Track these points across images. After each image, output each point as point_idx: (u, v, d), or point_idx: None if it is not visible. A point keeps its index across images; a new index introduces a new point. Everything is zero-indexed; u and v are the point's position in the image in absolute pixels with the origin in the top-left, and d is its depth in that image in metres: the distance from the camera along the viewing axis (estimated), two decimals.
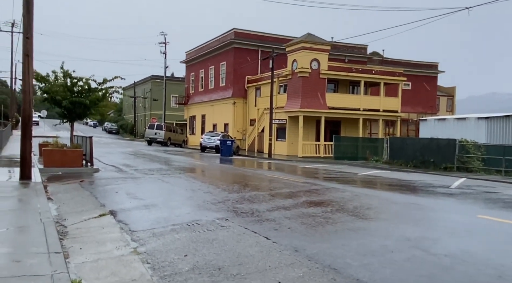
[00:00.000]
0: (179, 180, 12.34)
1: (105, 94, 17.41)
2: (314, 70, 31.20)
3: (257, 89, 39.60)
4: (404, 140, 22.77)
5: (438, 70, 53.10)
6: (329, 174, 16.72)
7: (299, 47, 31.05)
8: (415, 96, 49.14)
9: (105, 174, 14.22)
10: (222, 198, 9.03)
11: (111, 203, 8.51)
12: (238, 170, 17.87)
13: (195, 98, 49.53)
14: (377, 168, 20.78)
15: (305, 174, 16.24)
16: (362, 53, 45.73)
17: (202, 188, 10.80)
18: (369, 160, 24.57)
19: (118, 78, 17.50)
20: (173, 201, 8.82)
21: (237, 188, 10.81)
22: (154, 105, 65.49)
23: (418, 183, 14.24)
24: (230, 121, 41.15)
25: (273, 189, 10.95)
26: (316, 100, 31.18)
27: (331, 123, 33.07)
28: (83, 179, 12.41)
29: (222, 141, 27.64)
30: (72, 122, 17.72)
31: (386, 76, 33.71)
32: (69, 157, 14.96)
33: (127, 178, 12.71)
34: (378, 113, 33.29)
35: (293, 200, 9.07)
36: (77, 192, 10.24)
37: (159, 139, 39.66)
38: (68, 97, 16.60)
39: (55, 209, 8.23)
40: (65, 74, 16.64)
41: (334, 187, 11.68)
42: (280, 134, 33.74)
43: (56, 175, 13.96)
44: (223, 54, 42.69)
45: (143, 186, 11.14)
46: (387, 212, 8.52)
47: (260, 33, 42.04)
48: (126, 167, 16.62)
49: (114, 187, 10.87)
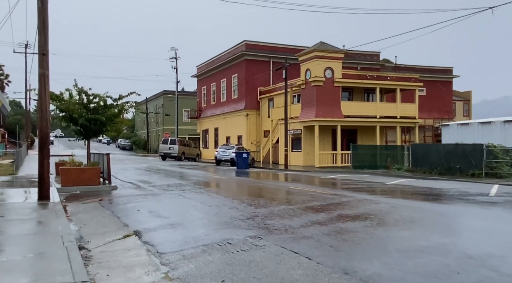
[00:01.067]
0: (201, 196, 11.89)
1: (121, 110, 17.14)
2: (328, 79, 30.77)
3: (269, 100, 39.28)
4: (427, 146, 22.09)
5: (453, 74, 52.25)
6: (355, 185, 16.11)
7: (312, 56, 30.71)
8: (431, 102, 48.31)
9: (123, 192, 13.86)
10: (250, 214, 8.54)
11: (134, 223, 8.09)
12: (258, 183, 17.37)
13: (208, 112, 49.39)
14: (400, 177, 20.10)
15: (329, 185, 15.68)
16: (374, 60, 45.24)
17: (226, 203, 10.33)
18: (391, 169, 23.88)
19: (133, 93, 17.29)
20: (198, 219, 8.36)
21: (263, 203, 10.32)
22: (166, 120, 65.63)
23: (453, 192, 13.51)
24: (244, 133, 40.80)
25: (302, 202, 10.43)
26: (332, 109, 30.67)
27: (347, 131, 32.48)
28: (102, 198, 12.05)
29: (238, 154, 27.21)
30: (88, 140, 17.46)
31: (401, 82, 33.10)
32: (87, 175, 14.65)
33: (147, 195, 12.31)
34: (395, 120, 32.62)
35: (327, 214, 8.54)
36: (98, 211, 9.85)
37: (173, 153, 39.43)
38: (84, 114, 16.38)
39: (76, 231, 7.83)
40: (80, 91, 16.43)
41: (366, 199, 11.10)
42: (295, 145, 33.24)
43: (74, 194, 13.65)
44: (234, 67, 42.57)
45: (165, 203, 10.72)
46: (435, 225, 7.90)
47: (271, 44, 41.89)
48: (144, 184, 16.26)
49: (135, 205, 10.47)
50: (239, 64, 41.48)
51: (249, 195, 12.56)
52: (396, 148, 29.25)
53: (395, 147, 30.46)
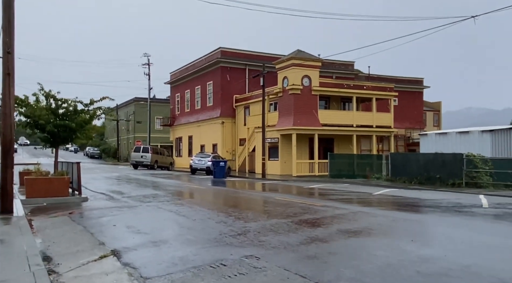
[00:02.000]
0: (182, 208, 11.04)
1: (93, 116, 16.10)
2: (305, 87, 30.52)
3: (246, 108, 38.70)
4: (406, 155, 22.03)
5: (423, 85, 53.38)
6: (341, 195, 15.54)
7: (290, 64, 30.42)
8: (402, 112, 48.99)
9: (95, 204, 12.84)
10: (240, 229, 7.82)
11: (111, 240, 7.23)
12: (241, 194, 16.59)
13: (181, 119, 48.31)
14: (382, 186, 19.84)
15: (317, 196, 15.06)
16: (349, 69, 45.59)
17: (211, 216, 9.55)
18: (370, 178, 23.66)
19: (106, 98, 16.27)
20: (184, 235, 7.56)
21: (252, 216, 9.59)
22: (138, 127, 63.93)
23: (445, 203, 13.01)
24: (219, 141, 39.99)
25: (294, 215, 9.74)
26: (309, 117, 30.39)
27: (324, 140, 32.25)
28: (73, 211, 11.03)
29: (215, 163, 26.39)
30: (56, 147, 16.30)
31: (377, 91, 33.33)
32: (55, 185, 13.53)
33: (123, 208, 11.37)
34: (372, 129, 32.70)
35: (325, 229, 7.90)
36: (68, 226, 8.89)
37: (145, 162, 38.10)
38: (52, 120, 15.24)
39: (44, 250, 6.89)
40: (47, 95, 15.30)
41: (361, 211, 10.54)
42: (272, 153, 32.70)
43: (40, 206, 12.52)
44: (209, 74, 41.82)
45: (143, 217, 9.84)
46: (453, 243, 7.09)
47: (247, 51, 41.44)
48: (118, 195, 15.23)
49: (110, 219, 9.55)
50: (215, 71, 40.77)
51: (235, 207, 11.80)
52: (372, 157, 29.21)
53: (372, 156, 30.45)
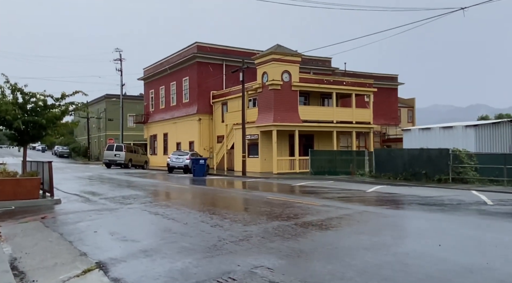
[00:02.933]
0: (170, 211, 10.13)
1: (65, 112, 14.83)
2: (285, 82, 29.93)
3: (223, 104, 37.80)
4: (391, 151, 21.77)
5: (398, 82, 53.90)
6: (337, 193, 14.83)
7: (269, 58, 29.74)
8: (377, 108, 49.08)
9: (70, 206, 11.77)
10: (241, 234, 7.04)
11: (94, 250, 6.33)
12: (229, 193, 15.70)
13: (156, 116, 46.88)
14: (368, 183, 19.48)
15: (310, 195, 14.28)
16: (326, 66, 45.37)
17: (204, 219, 8.71)
18: (355, 175, 23.31)
19: (79, 93, 15.04)
20: (178, 241, 6.71)
21: (249, 218, 8.79)
22: (109, 125, 61.87)
23: (447, 200, 12.42)
24: (196, 138, 38.94)
25: (295, 216, 8.97)
26: (289, 113, 29.83)
27: (304, 137, 31.79)
28: (45, 215, 9.97)
29: (194, 160, 25.42)
30: (24, 146, 14.96)
31: (357, 87, 33.13)
32: (24, 187, 12.37)
33: (102, 211, 10.37)
34: (351, 125, 32.48)
35: (336, 233, 7.18)
36: (42, 234, 7.88)
37: (119, 161, 36.59)
38: (20, 116, 13.91)
39: (15, 264, 5.92)
40: (14, 89, 13.96)
41: (367, 211, 9.90)
42: (252, 150, 31.96)
43: (8, 210, 11.36)
44: (185, 69, 40.64)
45: (128, 221, 8.92)
46: (498, 249, 6.38)
47: (224, 46, 40.50)
48: (93, 196, 14.15)
49: (89, 224, 8.59)
50: (191, 67, 39.64)
51: (227, 208, 10.94)
52: (354, 153, 28.97)
53: (352, 152, 30.23)
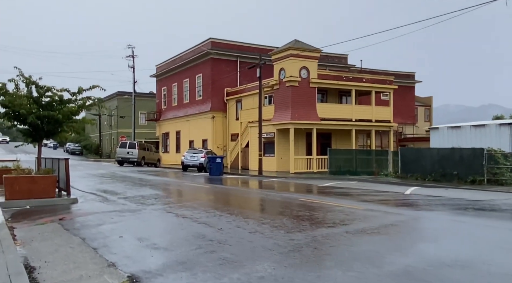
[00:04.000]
0: (198, 213, 9.28)
1: (81, 107, 14.13)
2: (303, 79, 29.03)
3: (237, 101, 37.01)
4: (418, 151, 20.77)
5: (415, 79, 52.64)
6: (374, 196, 13.66)
7: (287, 54, 28.84)
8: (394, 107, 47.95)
9: (88, 206, 11.06)
10: (288, 243, 6.17)
11: (123, 260, 5.55)
12: (255, 194, 14.66)
13: (168, 114, 46.26)
14: (395, 184, 18.53)
15: (344, 197, 13.06)
16: (342, 63, 44.38)
17: (239, 224, 7.85)
18: (380, 174, 22.35)
19: (97, 87, 14.32)
20: (217, 251, 5.88)
21: (290, 224, 7.79)
22: (121, 123, 61.48)
23: (505, 205, 11.31)
24: (209, 136, 38.23)
25: (341, 223, 8.01)
26: (307, 111, 28.93)
27: (321, 135, 30.85)
28: (63, 216, 9.25)
29: (211, 159, 24.66)
30: (39, 142, 14.29)
31: (377, 84, 32.09)
32: (39, 185, 11.69)
33: (124, 212, 9.62)
34: (371, 123, 31.48)
35: (401, 244, 6.26)
36: (62, 238, 7.14)
37: (132, 158, 36.04)
38: (35, 110, 13.24)
39: (35, 275, 5.17)
40: (28, 82, 13.29)
41: (422, 217, 8.84)
42: (267, 149, 31.13)
43: (23, 210, 10.70)
44: (199, 66, 39.94)
45: (154, 225, 8.14)
46: None
47: (239, 42, 39.73)
48: (111, 195, 13.44)
49: (113, 227, 7.83)
50: (204, 63, 38.92)
51: (260, 211, 10.01)
52: (375, 153, 28.02)
53: (372, 151, 29.26)
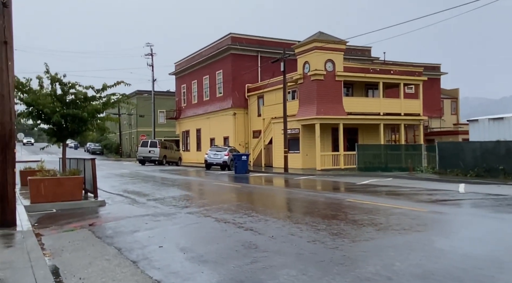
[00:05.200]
0: (240, 217, 8.34)
1: (106, 104, 13.47)
2: (329, 72, 27.97)
3: (259, 97, 36.16)
4: (458, 145, 19.56)
5: (440, 71, 50.84)
6: (428, 195, 12.42)
7: (312, 47, 27.81)
8: None
9: (117, 209, 10.37)
10: (359, 255, 5.30)
11: (170, 277, 4.75)
12: (293, 194, 13.61)
13: (188, 112, 45.73)
14: (435, 181, 17.42)
15: (396, 197, 12.05)
16: (366, 55, 43.05)
17: (292, 231, 6.85)
18: (416, 170, 21.20)
19: (121, 83, 13.67)
20: (278, 266, 4.95)
21: (351, 230, 6.70)
22: (140, 121, 61.34)
23: None
24: (231, 133, 37.49)
25: (412, 229, 6.92)
26: (333, 106, 27.88)
27: (347, 130, 29.74)
28: (93, 221, 8.54)
29: (236, 157, 23.90)
30: (64, 142, 13.72)
31: (405, 76, 30.78)
32: (66, 187, 11.07)
33: (158, 216, 8.87)
34: (400, 117, 30.21)
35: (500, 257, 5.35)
36: (94, 248, 6.40)
37: (153, 157, 35.60)
38: (59, 109, 12.64)
39: None
40: (53, 79, 12.69)
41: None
42: (292, 146, 30.16)
43: (49, 213, 10.08)
44: (219, 62, 39.20)
45: (195, 231, 7.33)
46: None
47: (259, 37, 38.84)
48: (140, 196, 12.75)
49: (149, 234, 7.07)
50: (225, 59, 38.15)
51: (309, 214, 8.79)
52: (404, 148, 26.82)
53: (401, 146, 28.04)
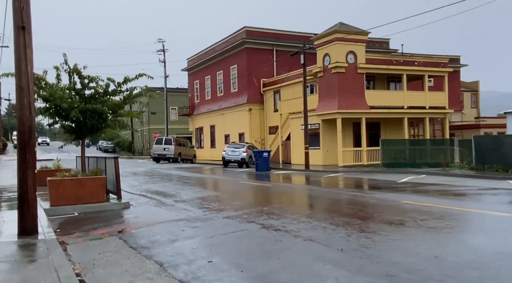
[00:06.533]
0: (289, 224, 7.28)
1: (128, 99, 12.47)
2: (350, 65, 26.82)
3: (275, 92, 35.12)
4: (498, 139, 18.41)
5: (460, 63, 49.25)
6: (491, 194, 11.28)
7: (332, 38, 26.66)
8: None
9: (145, 212, 9.48)
10: (465, 270, 4.32)
11: None
12: (335, 194, 12.29)
13: (201, 108, 44.84)
14: (475, 177, 16.29)
15: (456, 198, 11.00)
16: (384, 47, 41.66)
17: (362, 241, 5.91)
18: (449, 166, 20.07)
19: (143, 76, 12.63)
20: None
21: (430, 240, 5.95)
22: (152, 118, 60.67)
23: None
24: (246, 130, 36.50)
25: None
26: (355, 99, 26.74)
27: (369, 125, 28.61)
28: (123, 228, 7.63)
29: (257, 153, 22.93)
30: (83, 139, 12.80)
31: (430, 67, 29.51)
32: (87, 188, 10.22)
33: (193, 221, 7.92)
34: (424, 110, 28.99)
35: None
36: (131, 262, 5.47)
37: (168, 155, 34.80)
38: (77, 104, 11.70)
39: None
40: (72, 71, 11.73)
41: None
42: (312, 141, 29.07)
43: (71, 217, 9.26)
44: (233, 56, 38.19)
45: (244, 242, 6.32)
46: None
47: (274, 30, 37.74)
48: (165, 197, 11.85)
49: (192, 245, 6.12)
50: (239, 54, 37.13)
51: (370, 220, 7.50)
52: (434, 143, 25.66)
53: (425, 141, 26.86)
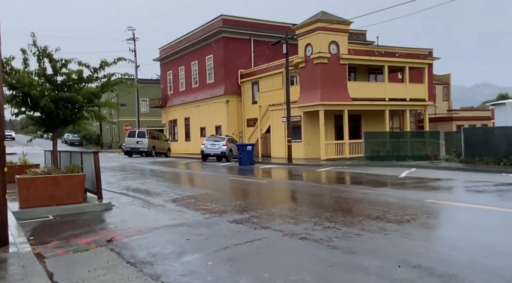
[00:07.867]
0: (310, 228, 6.36)
1: (105, 86, 11.14)
2: (333, 55, 26.13)
3: (254, 83, 34.11)
4: (488, 131, 18.19)
5: (433, 56, 49.76)
6: (506, 191, 10.62)
7: (315, 27, 25.85)
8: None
9: (130, 214, 8.34)
10: None
11: None
12: (342, 191, 11.53)
13: (175, 100, 43.28)
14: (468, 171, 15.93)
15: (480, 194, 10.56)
16: (361, 39, 41.38)
17: (414, 260, 5.13)
18: (438, 159, 19.75)
19: (122, 60, 11.27)
20: None
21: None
22: (122, 110, 58.27)
23: None
24: (224, 122, 35.37)
25: None
26: (338, 91, 26.13)
27: (350, 117, 28.12)
28: (111, 235, 6.47)
29: (240, 147, 21.89)
30: (55, 132, 11.39)
31: (411, 59, 29.29)
32: (63, 188, 8.94)
33: (194, 227, 6.84)
34: (405, 102, 28.79)
35: None
36: None
37: (142, 148, 33.20)
38: (48, 92, 10.32)
39: None
40: (41, 54, 10.31)
41: None
42: (293, 134, 28.30)
43: (45, 221, 8.01)
44: (209, 46, 36.81)
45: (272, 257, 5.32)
46: None
47: (252, 19, 36.61)
48: (150, 196, 10.68)
49: (204, 259, 5.09)
50: (216, 43, 35.80)
51: (401, 223, 6.85)
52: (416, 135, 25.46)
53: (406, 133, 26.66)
